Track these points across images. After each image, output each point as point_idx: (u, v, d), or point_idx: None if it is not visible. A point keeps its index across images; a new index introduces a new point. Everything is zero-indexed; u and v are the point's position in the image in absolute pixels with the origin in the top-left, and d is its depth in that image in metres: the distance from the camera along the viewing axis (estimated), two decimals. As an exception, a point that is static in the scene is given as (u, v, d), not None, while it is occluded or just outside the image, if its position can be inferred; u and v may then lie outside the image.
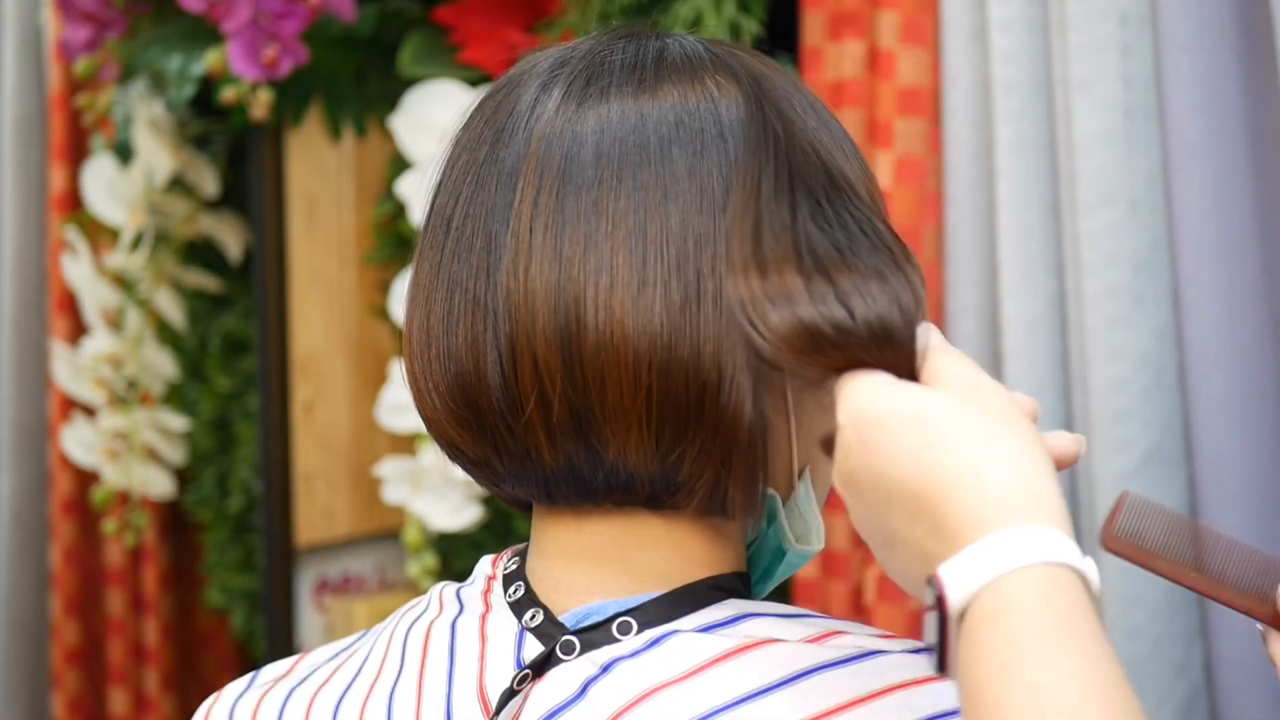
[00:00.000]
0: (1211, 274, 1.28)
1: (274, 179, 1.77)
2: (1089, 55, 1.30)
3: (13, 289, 2.18)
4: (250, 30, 1.64)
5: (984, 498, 0.65)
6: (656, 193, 0.76)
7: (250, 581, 1.98)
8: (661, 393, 0.75)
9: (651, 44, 0.81)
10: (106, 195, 1.92)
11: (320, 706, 0.84)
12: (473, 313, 0.77)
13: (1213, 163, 1.28)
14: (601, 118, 0.77)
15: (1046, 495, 0.65)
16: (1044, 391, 1.35)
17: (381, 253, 1.80)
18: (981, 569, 0.63)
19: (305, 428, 1.79)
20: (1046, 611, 0.62)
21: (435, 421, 0.80)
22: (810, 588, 1.45)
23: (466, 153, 0.81)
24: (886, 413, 0.68)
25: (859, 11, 1.43)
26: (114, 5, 1.82)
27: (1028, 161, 1.36)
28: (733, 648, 0.75)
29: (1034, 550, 0.63)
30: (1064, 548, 0.63)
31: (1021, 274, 1.35)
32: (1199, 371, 1.29)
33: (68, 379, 1.98)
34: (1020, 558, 0.63)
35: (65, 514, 2.12)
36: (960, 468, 0.66)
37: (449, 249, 0.79)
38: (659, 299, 0.74)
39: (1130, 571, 1.30)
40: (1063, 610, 0.62)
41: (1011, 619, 0.62)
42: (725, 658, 0.75)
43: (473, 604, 0.83)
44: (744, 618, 0.77)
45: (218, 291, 2.01)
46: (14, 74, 2.16)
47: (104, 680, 2.14)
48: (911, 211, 1.40)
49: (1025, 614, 0.62)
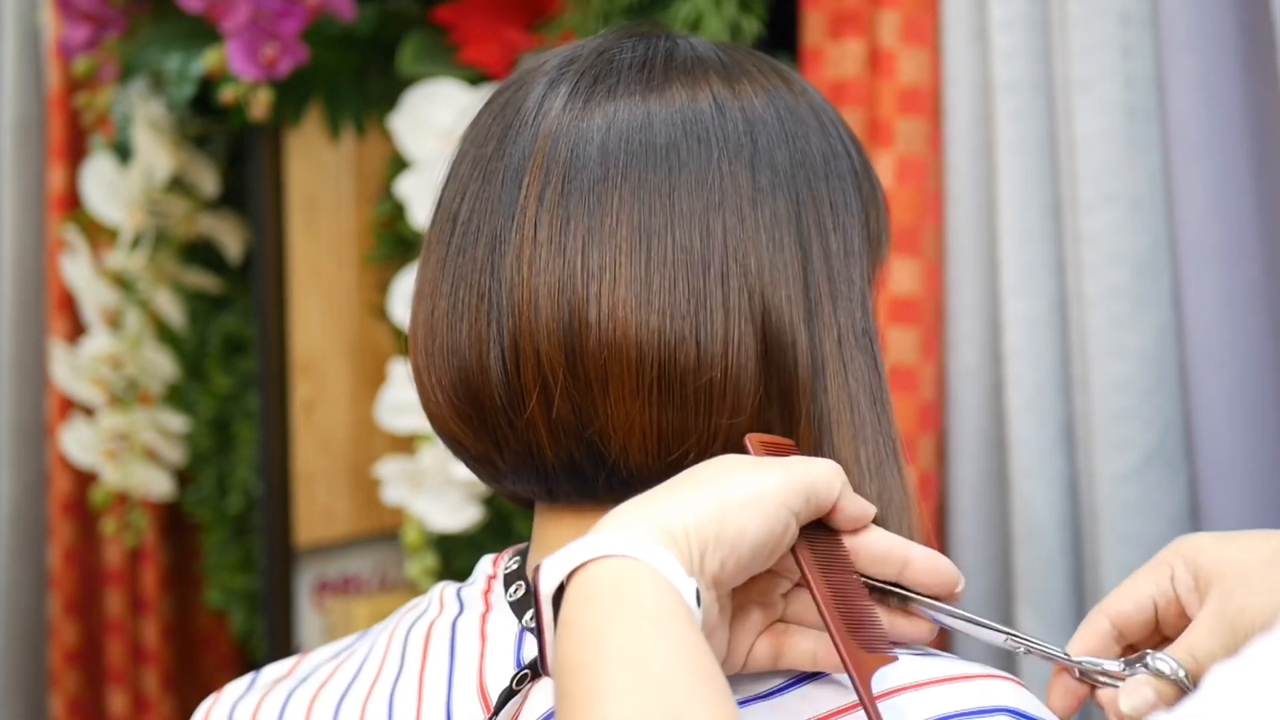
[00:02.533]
0: (1212, 274, 1.28)
1: (274, 179, 1.77)
2: (1090, 55, 1.30)
3: (12, 289, 2.18)
4: (250, 30, 1.64)
5: (607, 519, 0.69)
6: (662, 192, 0.76)
7: (250, 582, 1.97)
8: (664, 391, 0.75)
9: (661, 44, 0.81)
10: (106, 195, 1.91)
11: (321, 707, 0.84)
12: (477, 308, 0.77)
13: (1214, 163, 1.28)
14: (608, 116, 0.77)
15: (656, 513, 0.68)
16: (1044, 391, 1.35)
17: (381, 253, 1.80)
18: (569, 560, 0.66)
19: (305, 428, 1.79)
20: (630, 590, 0.64)
21: (438, 416, 0.80)
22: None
23: (474, 149, 0.81)
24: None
25: (859, 11, 1.43)
26: (113, 5, 1.82)
27: (1028, 161, 1.35)
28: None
29: (615, 545, 0.66)
30: (640, 546, 0.66)
31: (1022, 274, 1.35)
32: (1199, 371, 1.29)
33: (67, 379, 1.98)
34: (603, 549, 0.66)
35: (64, 514, 2.12)
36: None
37: (454, 244, 0.79)
38: (663, 297, 0.75)
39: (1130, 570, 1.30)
40: (645, 591, 0.64)
41: (599, 598, 0.64)
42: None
43: (473, 604, 0.83)
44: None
45: (217, 291, 2.01)
46: (13, 74, 2.16)
47: (103, 681, 2.14)
48: (912, 211, 1.40)
49: (611, 591, 0.64)
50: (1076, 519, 1.36)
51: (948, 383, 1.42)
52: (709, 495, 0.68)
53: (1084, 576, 1.36)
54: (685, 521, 0.67)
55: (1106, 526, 1.30)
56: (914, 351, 1.40)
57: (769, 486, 0.69)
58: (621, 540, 0.65)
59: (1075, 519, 1.36)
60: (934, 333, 1.42)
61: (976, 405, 1.40)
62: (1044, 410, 1.34)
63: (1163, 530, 1.30)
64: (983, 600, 1.41)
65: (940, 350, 1.43)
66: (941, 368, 1.43)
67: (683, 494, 0.69)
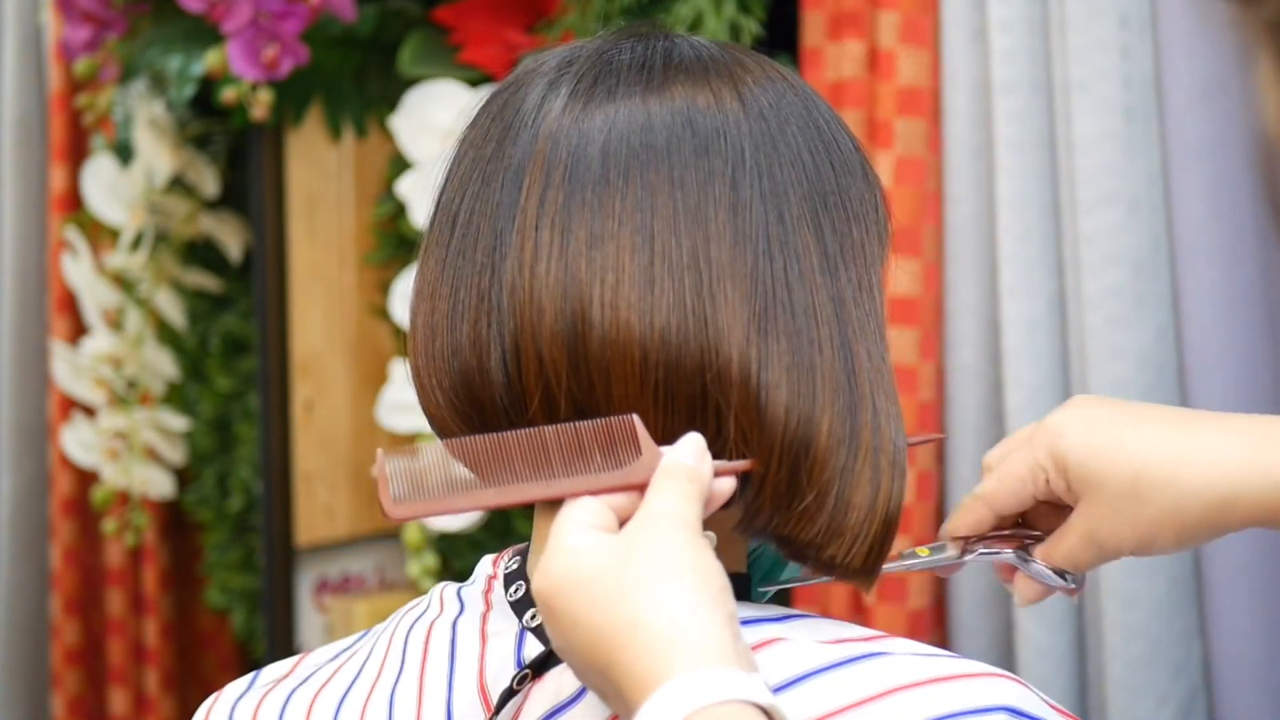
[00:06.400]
0: (1211, 274, 1.28)
1: (274, 179, 1.77)
2: (1089, 56, 1.30)
3: (13, 289, 2.18)
4: (250, 30, 1.64)
5: (650, 651, 0.66)
6: (663, 192, 0.76)
7: (250, 581, 1.98)
8: (668, 391, 0.75)
9: (659, 44, 0.81)
10: (106, 195, 1.92)
11: (321, 707, 0.84)
12: (477, 309, 0.77)
13: (1212, 163, 1.28)
14: (609, 117, 0.78)
15: (709, 637, 0.67)
16: (1044, 391, 1.35)
17: (381, 253, 1.80)
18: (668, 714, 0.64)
19: (305, 428, 1.79)
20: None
21: (438, 417, 0.80)
22: (810, 588, 1.45)
23: (473, 150, 0.81)
24: (554, 585, 0.70)
25: (859, 11, 1.43)
26: (114, 5, 1.82)
27: (1027, 162, 1.36)
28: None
29: (713, 691, 0.64)
30: (746, 685, 0.65)
31: (1021, 274, 1.35)
32: (1197, 371, 1.29)
33: (68, 379, 1.98)
34: (701, 698, 0.64)
35: (65, 514, 2.12)
36: (619, 626, 0.68)
37: (454, 245, 0.79)
38: (665, 297, 0.75)
39: (1130, 571, 1.30)
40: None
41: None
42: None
43: (473, 603, 0.83)
44: (744, 622, 0.77)
45: (218, 291, 2.01)
46: (14, 74, 2.16)
47: (104, 680, 2.14)
48: (911, 211, 1.40)
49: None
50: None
51: (947, 383, 1.42)
52: (703, 588, 0.69)
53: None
54: (729, 634, 0.68)
55: (1105, 526, 1.30)
56: (913, 351, 1.40)
57: (706, 558, 0.70)
58: (721, 681, 0.65)
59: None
60: (933, 333, 1.42)
61: (976, 405, 1.40)
62: (1043, 410, 1.33)
63: (1161, 530, 1.31)
64: (982, 600, 1.41)
65: (939, 350, 1.43)
66: (940, 368, 1.43)
67: (689, 604, 0.68)
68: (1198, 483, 0.80)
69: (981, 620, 1.41)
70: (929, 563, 0.86)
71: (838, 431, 0.76)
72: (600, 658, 0.68)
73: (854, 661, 0.74)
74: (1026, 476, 0.83)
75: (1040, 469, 0.83)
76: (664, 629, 0.67)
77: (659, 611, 0.67)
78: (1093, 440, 0.81)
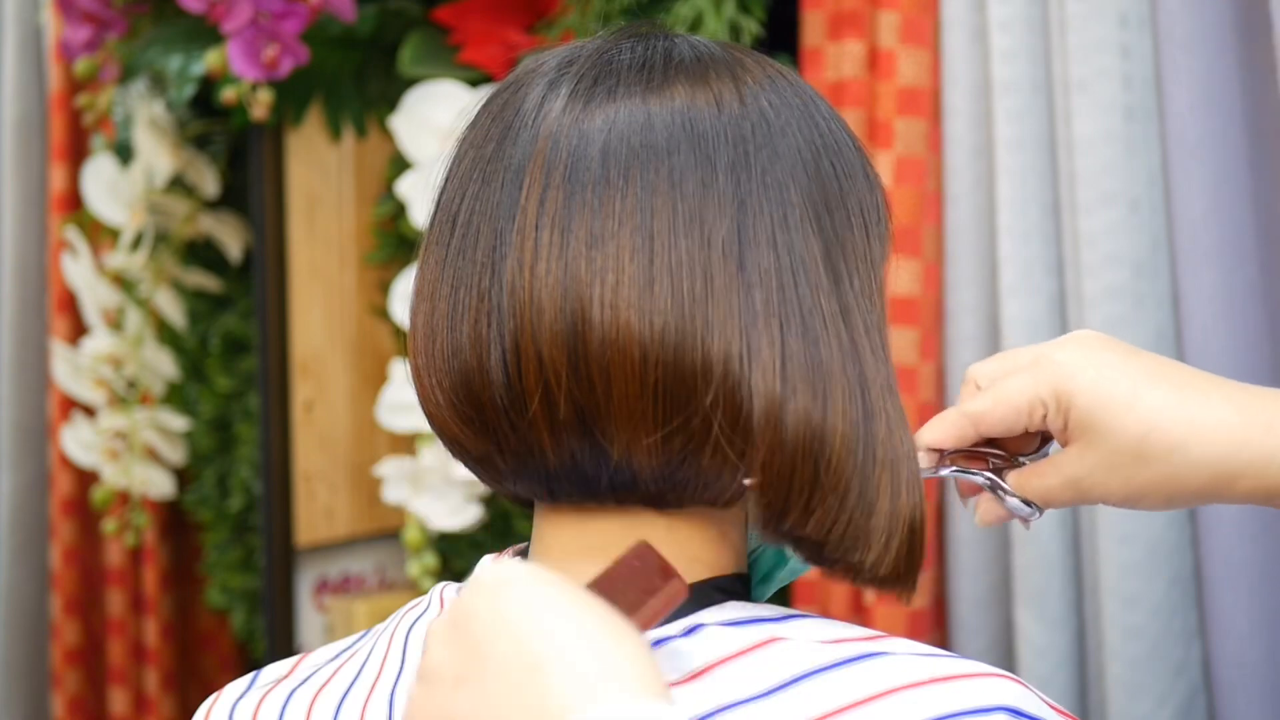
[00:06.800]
0: (1210, 274, 1.28)
1: (274, 179, 1.77)
2: (1089, 55, 1.30)
3: (13, 289, 2.18)
4: (250, 30, 1.64)
5: (571, 676, 0.61)
6: (663, 192, 0.76)
7: (250, 581, 1.98)
8: (669, 390, 0.75)
9: (659, 44, 0.81)
10: (107, 195, 1.92)
11: (321, 707, 0.84)
12: (477, 309, 0.77)
13: (1212, 163, 1.28)
14: (609, 117, 0.78)
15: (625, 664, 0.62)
16: (1044, 391, 1.35)
17: (381, 253, 1.80)
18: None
19: (305, 428, 1.79)
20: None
21: (438, 417, 0.80)
22: (810, 588, 1.45)
23: (473, 150, 0.81)
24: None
25: (859, 11, 1.43)
26: (114, 5, 1.82)
27: (1027, 161, 1.36)
28: (736, 649, 0.75)
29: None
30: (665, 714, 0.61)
31: (1021, 274, 1.35)
32: (1198, 371, 1.29)
33: (68, 379, 1.98)
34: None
35: (65, 514, 2.12)
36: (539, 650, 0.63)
37: (454, 245, 0.79)
38: (666, 297, 0.75)
39: (1130, 571, 1.30)
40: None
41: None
42: (729, 659, 0.75)
43: (474, 603, 0.83)
44: (744, 622, 0.77)
45: (218, 291, 2.01)
46: (14, 74, 2.16)
47: (104, 680, 2.14)
48: (911, 211, 1.41)
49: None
50: (1075, 519, 1.37)
51: (947, 383, 1.42)
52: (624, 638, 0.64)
53: (1083, 576, 1.36)
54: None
55: (1105, 526, 1.30)
56: (913, 351, 1.40)
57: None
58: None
59: (1074, 519, 1.37)
60: (933, 332, 1.42)
61: (976, 405, 1.40)
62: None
63: (1161, 530, 1.31)
64: (983, 600, 1.41)
65: (939, 350, 1.43)
66: (941, 367, 1.43)
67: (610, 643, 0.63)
68: (1205, 454, 0.79)
69: (981, 620, 1.41)
70: None
71: (849, 432, 0.75)
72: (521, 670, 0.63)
73: (854, 661, 0.74)
74: (1024, 408, 0.82)
75: (1041, 403, 0.81)
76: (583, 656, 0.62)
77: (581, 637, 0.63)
78: (1103, 391, 0.80)
